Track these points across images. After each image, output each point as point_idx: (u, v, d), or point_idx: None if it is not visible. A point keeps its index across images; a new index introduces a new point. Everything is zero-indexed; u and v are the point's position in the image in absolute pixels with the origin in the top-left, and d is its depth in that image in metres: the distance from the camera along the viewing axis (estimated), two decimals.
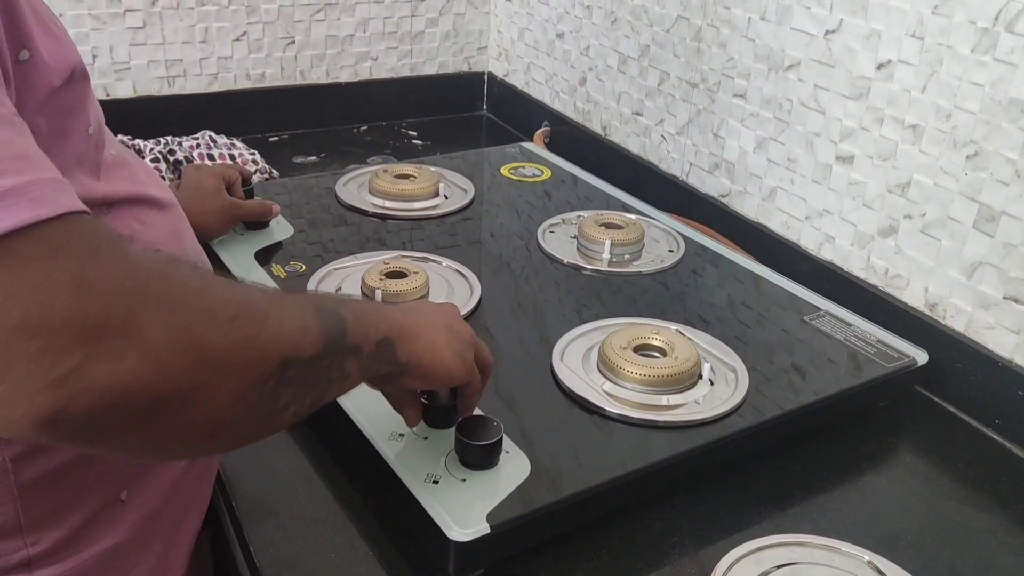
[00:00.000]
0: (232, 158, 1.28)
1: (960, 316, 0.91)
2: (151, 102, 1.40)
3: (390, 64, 1.59)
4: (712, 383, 0.80)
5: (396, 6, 1.55)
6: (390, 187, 1.13)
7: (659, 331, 0.83)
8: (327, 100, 1.55)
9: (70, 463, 0.55)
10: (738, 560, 0.66)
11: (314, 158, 1.44)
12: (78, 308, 0.38)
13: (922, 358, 0.86)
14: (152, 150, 1.21)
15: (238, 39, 1.44)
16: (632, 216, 1.10)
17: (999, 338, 0.87)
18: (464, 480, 0.66)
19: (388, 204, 1.12)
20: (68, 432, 0.39)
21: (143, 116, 1.36)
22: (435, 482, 0.66)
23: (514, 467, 0.68)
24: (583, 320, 0.89)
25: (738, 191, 1.16)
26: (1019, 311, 0.85)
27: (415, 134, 1.58)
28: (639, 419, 0.75)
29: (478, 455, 0.67)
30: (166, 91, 1.41)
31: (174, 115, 1.39)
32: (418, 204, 1.12)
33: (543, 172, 1.26)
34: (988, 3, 0.83)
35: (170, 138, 1.25)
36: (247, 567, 0.68)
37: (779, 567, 0.66)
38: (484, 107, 1.72)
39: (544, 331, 0.88)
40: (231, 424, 0.44)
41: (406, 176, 1.16)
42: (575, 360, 0.82)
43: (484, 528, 0.62)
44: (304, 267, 0.95)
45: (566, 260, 1.02)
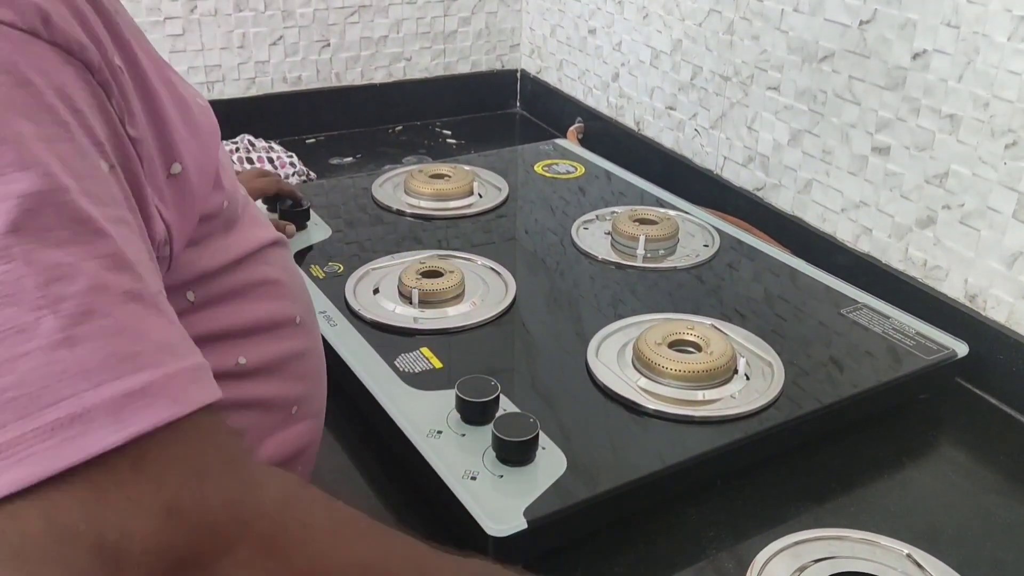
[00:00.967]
0: (270, 161, 1.30)
1: (1001, 307, 0.90)
2: None
3: (424, 64, 1.61)
4: (748, 378, 0.80)
5: (429, 6, 1.56)
6: (425, 187, 1.14)
7: (694, 326, 0.83)
8: (362, 101, 1.57)
9: None
10: (776, 554, 0.66)
11: (350, 159, 1.46)
12: (162, 537, 0.33)
13: (962, 350, 0.85)
14: None
15: (275, 43, 1.47)
16: (666, 211, 1.11)
17: None
18: (501, 476, 0.67)
19: (424, 204, 1.13)
20: None
21: None
22: (473, 478, 0.67)
23: (550, 463, 0.69)
24: (618, 316, 0.89)
25: (773, 184, 1.16)
26: None
27: (449, 133, 1.59)
28: (675, 414, 0.75)
29: (515, 451, 0.68)
30: (205, 96, 1.44)
31: None
32: (453, 203, 1.14)
33: (577, 168, 1.27)
34: None
35: None
36: None
37: (817, 561, 0.66)
38: (517, 104, 1.72)
39: (579, 327, 0.88)
40: None
41: (441, 176, 1.17)
42: (610, 356, 0.82)
43: (521, 524, 0.63)
44: (342, 268, 0.97)
45: (600, 256, 1.02)
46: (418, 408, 0.74)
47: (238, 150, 1.30)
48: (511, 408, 0.74)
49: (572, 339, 0.86)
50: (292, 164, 1.30)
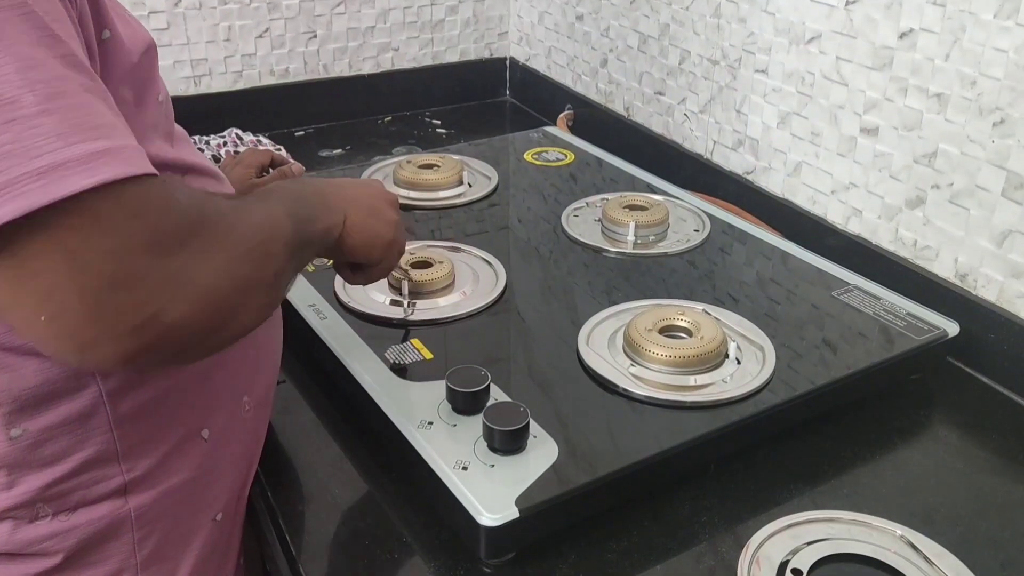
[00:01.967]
0: None
1: (991, 286, 0.90)
2: (178, 102, 1.38)
3: (412, 54, 1.60)
4: (739, 362, 0.80)
5: None
6: (414, 177, 1.14)
7: (684, 312, 0.83)
8: (351, 92, 1.56)
9: (157, 398, 0.61)
10: (770, 537, 0.66)
11: (340, 151, 1.45)
12: (153, 267, 0.45)
13: (953, 329, 0.85)
14: None
15: (261, 36, 1.46)
16: (657, 197, 1.10)
17: None
18: (493, 466, 0.67)
19: (413, 194, 1.13)
20: (145, 363, 0.47)
21: None
22: (464, 468, 0.67)
23: (542, 451, 0.69)
24: (612, 302, 0.89)
25: (763, 167, 1.15)
26: None
27: (439, 123, 1.59)
28: (666, 400, 0.75)
29: (506, 440, 0.68)
30: (192, 90, 1.43)
31: (201, 114, 1.40)
32: (443, 193, 1.13)
33: (567, 156, 1.26)
34: None
35: (197, 137, 1.27)
36: (283, 554, 0.70)
37: (811, 543, 0.66)
38: (507, 92, 1.72)
39: (571, 315, 0.88)
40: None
41: (430, 166, 1.17)
42: (601, 343, 0.82)
43: (513, 512, 0.63)
44: (331, 260, 0.96)
45: (591, 243, 1.02)
46: (409, 399, 0.74)
47: (226, 143, 1.29)
48: (502, 397, 0.73)
49: (563, 327, 0.86)
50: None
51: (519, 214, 1.11)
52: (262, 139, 1.34)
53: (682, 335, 0.81)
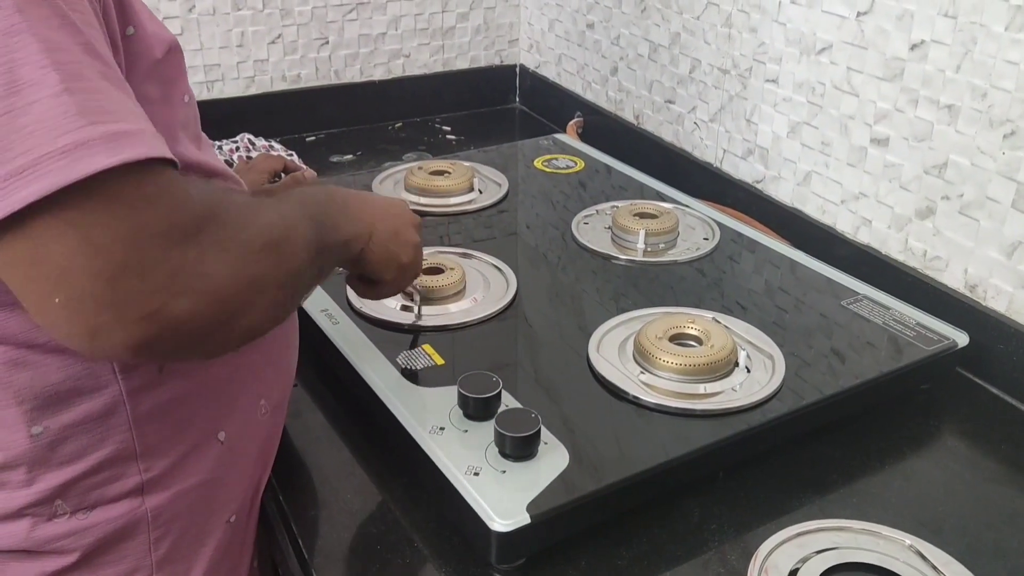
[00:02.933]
0: None
1: (1001, 296, 0.90)
2: None
3: (422, 60, 1.61)
4: (749, 370, 0.80)
5: (427, 3, 1.56)
6: (425, 183, 1.14)
7: (694, 320, 0.83)
8: (362, 98, 1.57)
9: (176, 399, 0.62)
10: (779, 545, 0.66)
11: (350, 157, 1.46)
12: (167, 256, 0.46)
13: (962, 340, 0.86)
14: None
15: (273, 42, 1.47)
16: (666, 205, 1.11)
17: None
18: (504, 471, 0.67)
19: (424, 200, 1.13)
20: (154, 353, 0.48)
21: None
22: (476, 474, 0.67)
23: (553, 458, 0.69)
24: (621, 310, 0.89)
25: (772, 176, 1.16)
26: None
27: (449, 129, 1.60)
28: (676, 408, 0.75)
29: (517, 447, 0.68)
30: (205, 95, 1.44)
31: (213, 119, 1.40)
32: (453, 199, 1.14)
33: (576, 163, 1.27)
34: None
35: (210, 142, 1.28)
36: (296, 559, 0.70)
37: (820, 552, 0.66)
38: (517, 100, 1.72)
39: (581, 322, 0.88)
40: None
41: (441, 172, 1.17)
42: (612, 351, 0.83)
43: (524, 518, 0.63)
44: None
45: (601, 251, 1.02)
46: (421, 405, 0.75)
47: (238, 149, 1.30)
48: (513, 404, 0.74)
49: (573, 334, 0.87)
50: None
51: (529, 221, 1.12)
52: (274, 144, 1.35)
53: (692, 343, 0.82)
